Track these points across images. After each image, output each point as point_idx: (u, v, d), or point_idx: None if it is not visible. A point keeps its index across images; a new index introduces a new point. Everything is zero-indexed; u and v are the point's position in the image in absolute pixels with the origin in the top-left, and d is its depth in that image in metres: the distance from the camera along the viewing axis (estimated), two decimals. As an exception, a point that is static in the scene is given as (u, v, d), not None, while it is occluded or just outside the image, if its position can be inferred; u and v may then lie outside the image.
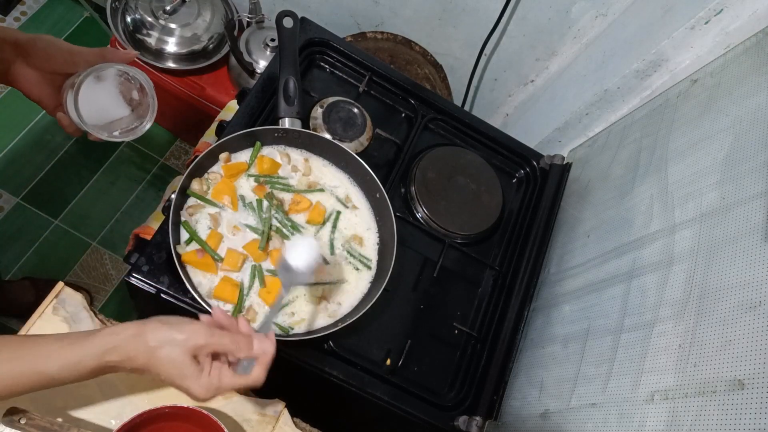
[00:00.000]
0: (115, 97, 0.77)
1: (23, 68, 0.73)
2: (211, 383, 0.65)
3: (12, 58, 0.72)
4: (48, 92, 0.76)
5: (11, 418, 0.72)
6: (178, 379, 0.65)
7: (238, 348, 0.67)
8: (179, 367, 0.64)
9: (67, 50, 0.74)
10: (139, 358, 0.64)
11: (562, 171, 1.23)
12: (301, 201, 0.96)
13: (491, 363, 1.01)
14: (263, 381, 0.68)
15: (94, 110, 0.75)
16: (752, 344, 0.63)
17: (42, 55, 0.73)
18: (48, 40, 0.74)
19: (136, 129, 0.79)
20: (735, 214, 0.75)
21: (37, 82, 0.75)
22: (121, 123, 0.78)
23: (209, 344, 0.66)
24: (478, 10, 1.51)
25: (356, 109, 1.12)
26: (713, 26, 0.96)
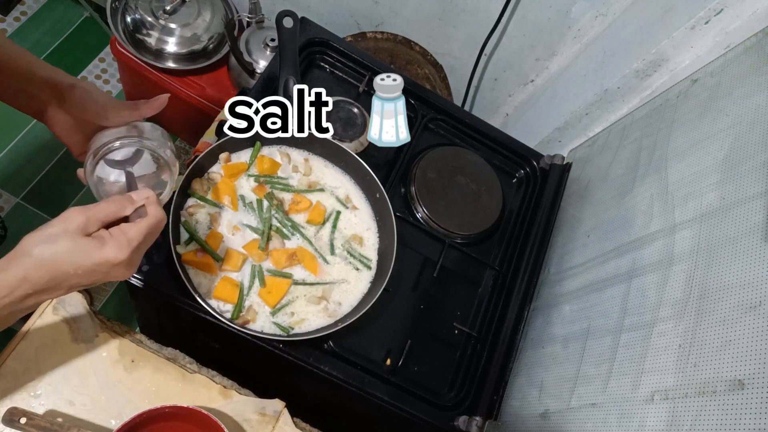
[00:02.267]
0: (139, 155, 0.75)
1: (58, 112, 0.74)
2: (118, 241, 0.61)
3: (49, 100, 0.73)
4: (77, 139, 0.77)
5: (11, 418, 0.72)
6: (85, 261, 0.59)
7: (120, 206, 0.65)
8: (77, 252, 0.59)
9: (101, 104, 0.73)
10: (33, 274, 0.58)
11: (562, 171, 1.23)
12: (301, 201, 0.96)
13: (491, 363, 1.01)
14: (164, 216, 0.66)
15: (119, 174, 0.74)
16: (752, 344, 0.63)
17: (77, 104, 0.74)
18: (86, 89, 0.74)
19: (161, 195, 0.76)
20: (735, 214, 0.75)
21: (69, 128, 0.76)
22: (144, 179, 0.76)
23: (89, 217, 0.62)
24: (478, 10, 1.51)
25: (356, 109, 1.12)
26: (713, 26, 0.96)
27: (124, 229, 0.62)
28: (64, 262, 0.59)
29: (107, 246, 0.60)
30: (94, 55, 2.12)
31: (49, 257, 0.58)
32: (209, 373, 0.88)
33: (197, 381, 0.86)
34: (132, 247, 0.61)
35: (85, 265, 0.59)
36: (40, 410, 0.78)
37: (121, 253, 0.60)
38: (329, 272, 0.95)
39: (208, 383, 0.86)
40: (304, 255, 0.93)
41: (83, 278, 0.61)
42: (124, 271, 0.62)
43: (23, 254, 0.58)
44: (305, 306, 0.91)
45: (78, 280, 0.61)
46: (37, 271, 0.58)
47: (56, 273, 0.59)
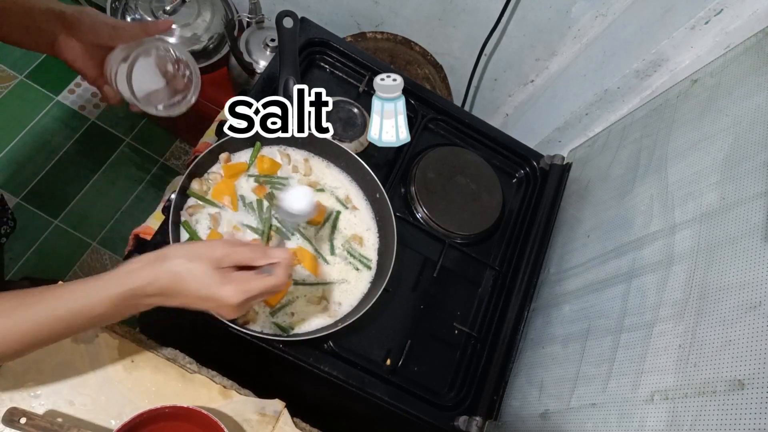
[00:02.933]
0: (152, 70, 0.81)
1: (68, 40, 0.77)
2: (239, 287, 0.66)
3: (58, 30, 0.76)
4: (91, 64, 0.80)
5: (11, 418, 0.72)
6: (204, 289, 0.65)
7: (256, 256, 0.68)
8: (203, 278, 0.65)
9: (112, 25, 0.78)
10: (162, 279, 0.64)
11: (562, 171, 1.23)
12: None
13: (491, 363, 1.01)
14: (285, 282, 0.69)
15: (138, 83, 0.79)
16: (752, 344, 0.63)
17: (87, 29, 0.77)
18: (93, 13, 0.78)
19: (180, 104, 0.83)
20: (735, 214, 0.75)
21: (81, 54, 0.79)
22: (158, 95, 0.81)
23: (228, 255, 0.67)
24: (478, 10, 1.51)
25: (356, 109, 1.12)
26: (713, 26, 0.96)
27: (248, 278, 0.67)
28: (190, 281, 0.65)
29: (228, 286, 0.65)
30: (94, 55, 2.11)
31: (181, 271, 0.65)
32: (209, 373, 0.88)
33: (197, 381, 0.86)
34: (246, 297, 0.66)
35: (201, 293, 0.65)
36: (40, 410, 0.78)
37: (235, 297, 0.65)
38: (329, 272, 0.95)
39: (208, 383, 0.86)
40: (304, 255, 0.93)
41: (195, 301, 0.67)
42: (231, 312, 0.68)
43: (164, 258, 0.65)
44: (305, 306, 0.91)
45: (190, 301, 0.67)
46: (165, 277, 0.64)
47: (178, 287, 0.65)
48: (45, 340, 0.64)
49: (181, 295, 0.66)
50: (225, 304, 0.66)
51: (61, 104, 2.00)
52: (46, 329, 0.63)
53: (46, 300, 0.63)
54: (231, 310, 0.67)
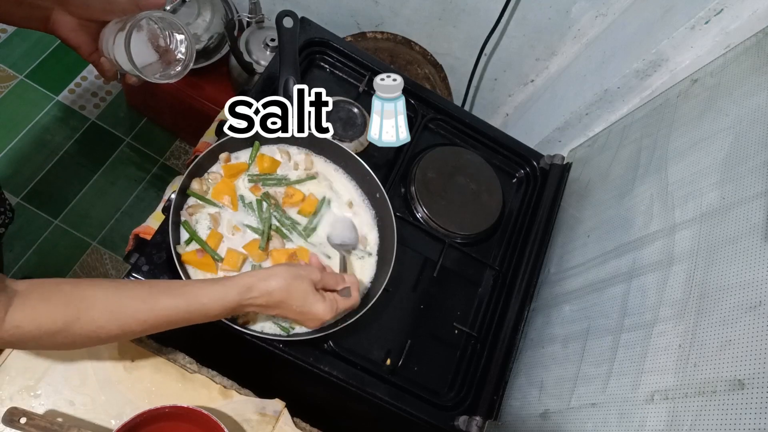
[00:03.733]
0: (145, 44, 0.81)
1: (62, 15, 0.79)
2: (332, 304, 0.81)
3: (51, 5, 0.78)
4: (85, 38, 0.82)
5: (11, 418, 0.72)
6: (308, 305, 0.78)
7: (337, 282, 0.84)
8: (309, 295, 0.78)
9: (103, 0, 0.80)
10: (276, 293, 0.76)
11: (562, 171, 1.23)
12: (294, 194, 0.96)
13: (491, 363, 1.01)
14: (358, 302, 0.87)
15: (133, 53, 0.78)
16: (752, 344, 0.63)
17: (80, 3, 0.79)
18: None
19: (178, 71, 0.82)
20: (735, 214, 0.75)
21: (75, 29, 0.80)
22: (152, 69, 0.82)
23: (322, 279, 0.81)
24: (478, 10, 1.51)
25: (356, 109, 1.12)
26: (713, 26, 0.96)
27: (338, 299, 0.83)
28: (296, 296, 0.77)
29: (322, 304, 0.80)
30: (94, 55, 2.11)
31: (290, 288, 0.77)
32: (209, 373, 0.88)
33: (197, 381, 0.86)
34: (335, 314, 0.83)
35: (303, 307, 0.78)
36: (40, 410, 0.78)
37: (328, 314, 0.80)
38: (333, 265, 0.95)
39: (208, 383, 0.86)
40: (304, 254, 0.93)
41: (293, 313, 0.80)
42: (318, 324, 0.84)
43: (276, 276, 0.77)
44: None
45: (288, 313, 0.80)
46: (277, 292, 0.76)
47: (285, 300, 0.77)
48: (166, 326, 0.72)
49: (283, 307, 0.78)
50: (317, 318, 0.80)
51: (61, 104, 2.00)
52: (168, 318, 0.71)
53: (174, 295, 0.71)
54: (318, 323, 0.83)
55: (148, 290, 0.71)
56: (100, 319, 0.66)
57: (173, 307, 0.70)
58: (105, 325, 0.67)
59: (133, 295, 0.69)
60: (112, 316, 0.67)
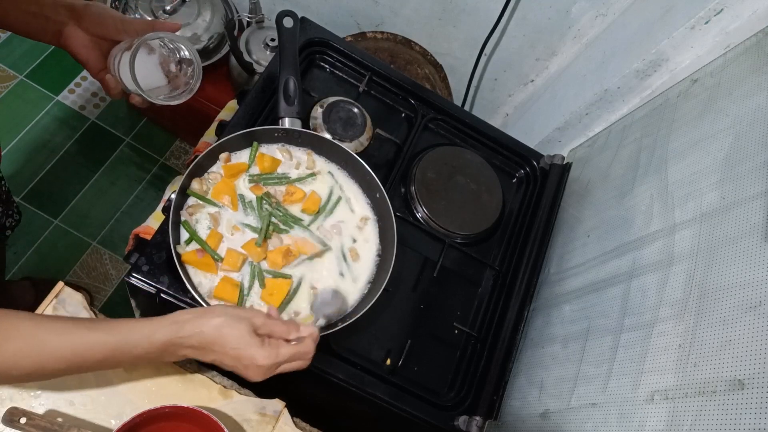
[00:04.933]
0: (155, 67, 0.82)
1: (75, 31, 0.79)
2: (272, 350, 0.71)
3: (66, 20, 0.78)
4: (95, 55, 0.82)
5: (11, 418, 0.72)
6: (240, 349, 0.70)
7: (288, 331, 0.74)
8: (241, 338, 0.70)
9: (119, 18, 0.81)
10: (206, 333, 0.69)
11: (562, 171, 1.23)
12: (295, 192, 0.96)
13: (491, 363, 1.01)
14: (312, 351, 0.75)
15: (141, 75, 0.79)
16: (752, 344, 0.63)
17: (95, 20, 0.80)
18: (101, 6, 0.80)
19: (181, 95, 0.84)
20: (735, 214, 0.75)
21: (87, 45, 0.80)
22: (160, 91, 0.83)
23: (266, 324, 0.73)
24: (478, 10, 1.51)
25: (356, 109, 1.12)
26: (713, 26, 0.96)
27: (279, 344, 0.73)
28: (229, 339, 0.70)
29: (261, 349, 0.71)
30: (94, 55, 2.11)
31: (224, 328, 0.70)
32: (209, 373, 0.88)
33: (197, 381, 0.86)
34: (276, 361, 0.72)
35: (237, 352, 0.70)
36: (40, 410, 0.78)
37: (267, 360, 0.71)
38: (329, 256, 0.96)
39: (208, 383, 0.86)
40: (300, 245, 0.93)
41: (229, 359, 0.71)
42: (258, 374, 0.73)
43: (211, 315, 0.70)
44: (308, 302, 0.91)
45: (223, 358, 0.71)
46: (209, 332, 0.69)
47: (218, 341, 0.70)
48: (90, 366, 0.67)
49: (218, 350, 0.70)
50: (255, 364, 0.71)
51: (61, 104, 2.00)
52: (94, 357, 0.66)
53: (100, 330, 0.66)
54: (259, 372, 0.72)
55: (72, 325, 0.66)
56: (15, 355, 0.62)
57: (96, 343, 0.65)
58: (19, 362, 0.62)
59: (53, 328, 0.65)
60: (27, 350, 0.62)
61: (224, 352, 0.70)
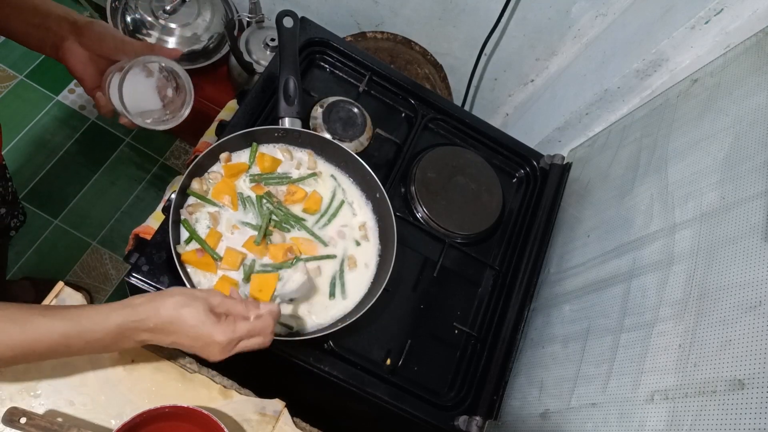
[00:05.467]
0: (152, 91, 0.83)
1: (75, 46, 0.79)
2: (228, 327, 0.70)
3: (66, 34, 0.79)
4: (91, 72, 0.82)
5: (11, 418, 0.72)
6: (197, 328, 0.69)
7: (247, 309, 0.73)
8: (197, 317, 0.69)
9: (120, 38, 0.81)
10: (161, 314, 0.68)
11: (562, 171, 1.23)
12: (296, 191, 0.96)
13: (491, 363, 1.01)
14: (270, 327, 0.74)
15: (132, 98, 0.80)
16: (752, 344, 0.63)
17: (95, 38, 0.80)
18: (103, 25, 0.81)
19: (169, 120, 0.84)
20: (735, 214, 0.75)
21: (84, 61, 0.81)
22: (152, 115, 0.83)
23: (223, 303, 0.72)
24: (478, 10, 1.51)
25: (356, 109, 1.12)
26: (713, 26, 0.96)
27: (236, 321, 0.71)
28: (186, 318, 0.69)
29: (218, 326, 0.70)
30: (94, 55, 2.12)
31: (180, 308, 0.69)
32: (209, 373, 0.88)
33: (197, 381, 0.86)
34: (233, 337, 0.71)
35: (196, 330, 0.69)
36: (40, 410, 0.78)
37: (224, 335, 0.70)
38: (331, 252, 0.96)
39: (208, 383, 0.86)
40: (300, 243, 0.93)
41: (187, 339, 0.70)
42: (217, 352, 0.71)
43: (166, 296, 0.69)
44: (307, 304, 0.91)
45: (182, 339, 0.70)
46: (165, 313, 0.68)
47: (175, 322, 0.69)
48: (42, 353, 0.66)
49: (176, 331, 0.69)
50: (213, 341, 0.70)
51: (61, 104, 2.00)
52: (45, 343, 0.64)
53: (51, 315, 0.65)
54: (217, 350, 0.71)
55: (26, 311, 0.64)
56: None
57: (49, 330, 0.64)
58: None
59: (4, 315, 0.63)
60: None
61: (182, 332, 0.69)
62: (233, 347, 0.72)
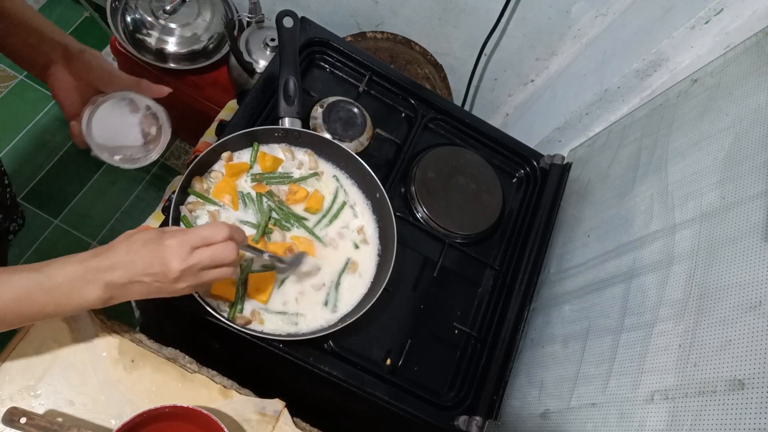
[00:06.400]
0: (134, 126, 0.82)
1: (62, 72, 0.79)
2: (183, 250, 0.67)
3: (57, 59, 0.78)
4: (74, 99, 0.81)
5: (11, 418, 0.72)
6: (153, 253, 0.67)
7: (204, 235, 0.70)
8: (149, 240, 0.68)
9: (107, 70, 0.80)
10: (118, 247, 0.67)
11: (562, 171, 1.23)
12: (297, 191, 0.96)
13: (491, 363, 1.01)
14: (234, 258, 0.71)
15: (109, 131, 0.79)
16: (752, 344, 0.63)
17: (83, 67, 0.79)
18: (95, 55, 0.80)
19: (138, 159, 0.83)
20: (735, 214, 0.75)
21: (69, 87, 0.80)
22: (128, 150, 0.82)
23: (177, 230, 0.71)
24: (478, 10, 1.51)
25: (356, 109, 1.12)
26: (713, 26, 0.96)
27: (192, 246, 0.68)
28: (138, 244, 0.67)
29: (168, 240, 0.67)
30: (94, 55, 2.12)
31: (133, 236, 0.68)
32: (209, 373, 0.88)
33: (197, 381, 0.86)
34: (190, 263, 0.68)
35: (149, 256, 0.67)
36: (40, 410, 0.78)
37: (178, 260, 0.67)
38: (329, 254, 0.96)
39: (208, 383, 0.86)
40: (301, 243, 0.93)
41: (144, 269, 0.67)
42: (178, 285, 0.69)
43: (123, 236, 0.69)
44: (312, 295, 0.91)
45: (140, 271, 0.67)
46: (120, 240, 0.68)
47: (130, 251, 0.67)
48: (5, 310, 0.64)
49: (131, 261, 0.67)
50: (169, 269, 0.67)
51: (61, 104, 2.00)
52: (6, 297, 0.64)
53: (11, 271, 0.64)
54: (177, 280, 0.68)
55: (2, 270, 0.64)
56: None
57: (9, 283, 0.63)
58: None
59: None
60: None
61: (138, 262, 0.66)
62: (196, 276, 0.69)
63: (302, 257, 0.90)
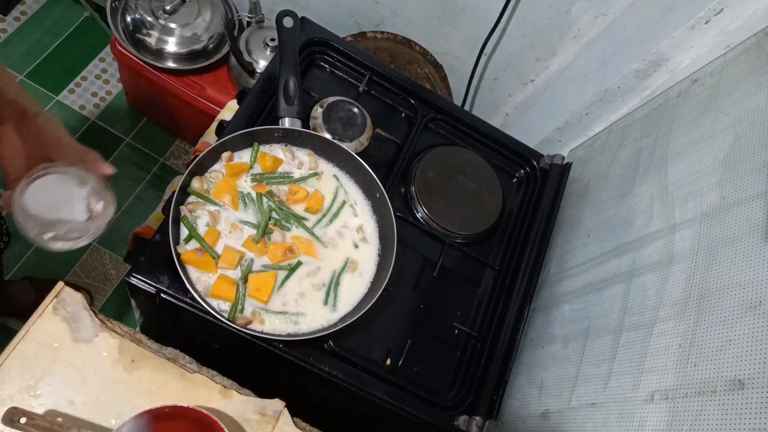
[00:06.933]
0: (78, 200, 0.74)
1: (9, 133, 0.72)
2: None
3: (9, 118, 0.72)
4: (17, 165, 0.73)
5: (11, 418, 0.72)
6: None
7: None
8: None
9: (57, 137, 0.74)
10: None
11: (562, 171, 1.23)
12: (298, 191, 0.96)
13: (491, 363, 1.01)
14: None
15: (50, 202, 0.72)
16: (752, 344, 0.63)
17: (34, 131, 0.73)
18: (49, 120, 0.75)
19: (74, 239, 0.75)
20: (735, 214, 0.75)
21: (14, 151, 0.73)
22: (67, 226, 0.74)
23: None
24: (478, 10, 1.51)
25: (356, 109, 1.12)
26: (713, 26, 0.96)
27: None
28: None
29: None
30: (94, 55, 2.12)
31: None
32: (209, 373, 0.88)
33: (197, 381, 0.86)
34: None
35: None
36: (40, 410, 0.78)
37: None
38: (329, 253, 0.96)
39: (208, 383, 0.86)
40: (301, 243, 0.93)
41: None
42: None
43: None
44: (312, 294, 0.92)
45: None
46: None
47: None
48: None
49: None
50: None
51: (61, 104, 2.00)
52: None
53: None
54: None
55: None
56: None
57: None
58: None
59: None
60: None
61: None
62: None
63: None
